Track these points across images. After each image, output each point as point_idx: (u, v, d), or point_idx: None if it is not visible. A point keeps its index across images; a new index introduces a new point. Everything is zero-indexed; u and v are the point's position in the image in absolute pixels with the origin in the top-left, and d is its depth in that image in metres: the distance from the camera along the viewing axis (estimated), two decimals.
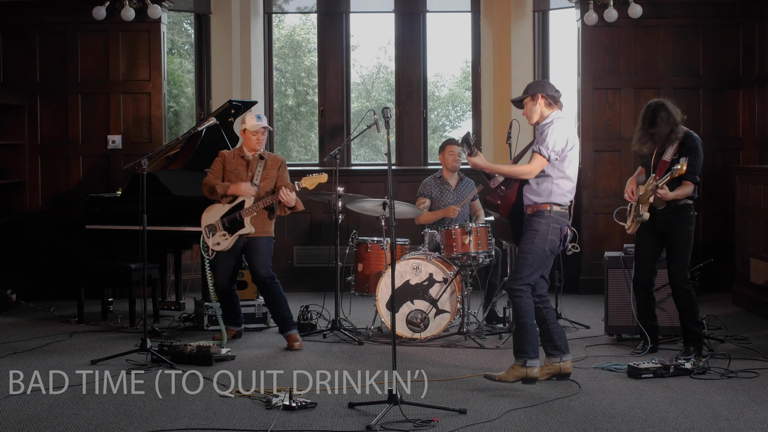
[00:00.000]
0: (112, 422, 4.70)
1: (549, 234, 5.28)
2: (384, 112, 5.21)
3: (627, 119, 8.74)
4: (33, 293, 8.55)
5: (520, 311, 5.31)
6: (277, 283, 6.57)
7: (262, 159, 6.60)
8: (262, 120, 6.58)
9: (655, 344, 6.23)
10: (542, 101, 5.36)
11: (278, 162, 6.66)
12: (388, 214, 6.00)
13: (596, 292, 7.89)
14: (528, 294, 5.32)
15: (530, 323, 5.31)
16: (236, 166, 6.59)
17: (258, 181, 6.55)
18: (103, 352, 6.19)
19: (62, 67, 8.77)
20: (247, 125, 6.56)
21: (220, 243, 6.56)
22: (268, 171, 6.59)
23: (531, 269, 5.29)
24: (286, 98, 10.64)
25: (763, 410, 4.87)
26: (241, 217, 6.50)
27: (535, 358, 5.32)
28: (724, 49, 8.72)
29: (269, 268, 6.58)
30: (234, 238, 6.54)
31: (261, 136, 6.56)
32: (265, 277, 6.53)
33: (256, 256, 6.54)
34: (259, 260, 6.54)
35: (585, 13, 8.54)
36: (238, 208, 6.53)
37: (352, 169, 9.57)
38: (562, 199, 5.33)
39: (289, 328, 6.54)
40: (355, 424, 4.66)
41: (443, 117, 11.32)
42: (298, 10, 10.06)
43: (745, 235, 7.87)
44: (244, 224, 6.50)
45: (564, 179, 5.33)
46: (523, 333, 5.32)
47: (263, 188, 6.56)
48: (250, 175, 6.56)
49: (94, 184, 8.71)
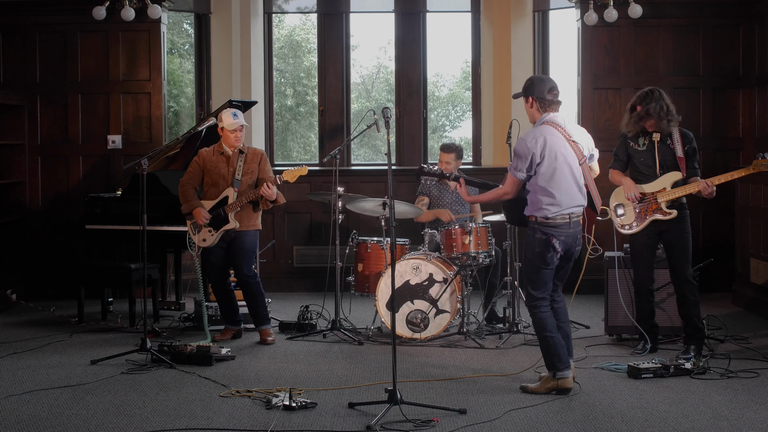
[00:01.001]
0: (112, 422, 4.70)
1: (536, 246, 5.19)
2: (384, 112, 5.21)
3: None
4: (33, 293, 8.55)
5: (538, 325, 5.25)
6: (258, 282, 6.67)
7: (242, 153, 6.62)
8: (239, 118, 6.60)
9: (655, 344, 6.24)
10: (534, 104, 5.26)
11: (258, 155, 6.68)
12: (388, 214, 6.00)
13: (596, 292, 7.88)
14: (543, 307, 5.23)
15: (550, 336, 5.21)
16: (216, 163, 6.61)
17: (240, 176, 6.57)
18: (103, 352, 6.19)
19: (62, 67, 8.77)
20: (225, 123, 6.57)
21: (206, 239, 6.60)
22: (249, 165, 6.62)
23: (533, 283, 5.22)
24: (285, 98, 10.64)
25: (763, 410, 4.87)
26: (225, 212, 6.54)
27: (565, 369, 5.20)
28: (724, 49, 8.72)
29: (251, 266, 6.66)
30: (219, 234, 6.57)
31: (239, 134, 6.59)
32: (247, 275, 6.61)
33: (240, 253, 6.60)
34: (241, 258, 6.60)
35: (585, 13, 8.54)
36: (221, 204, 6.56)
37: (352, 169, 9.56)
38: (541, 213, 5.16)
39: (263, 323, 6.66)
40: (355, 424, 4.66)
41: (443, 117, 11.32)
42: (298, 10, 10.06)
43: (745, 235, 7.87)
44: (229, 219, 6.54)
45: (538, 193, 5.18)
46: (546, 347, 5.23)
47: (245, 182, 6.59)
48: (231, 170, 6.58)
49: (94, 184, 8.71)
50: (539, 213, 5.18)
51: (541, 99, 5.23)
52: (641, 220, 6.10)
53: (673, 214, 5.97)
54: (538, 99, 5.23)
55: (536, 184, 5.18)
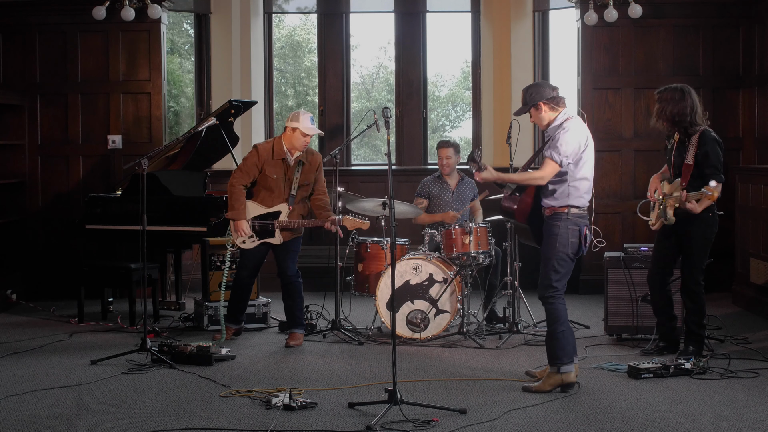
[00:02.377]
0: (112, 422, 4.70)
1: (569, 237, 5.20)
2: (384, 112, 5.20)
3: (627, 119, 8.74)
4: (33, 293, 8.55)
5: (552, 317, 5.25)
6: (300, 282, 6.62)
7: (300, 163, 6.46)
8: (315, 124, 6.51)
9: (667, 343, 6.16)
10: (545, 107, 5.28)
11: (317, 162, 6.54)
12: (388, 214, 6.00)
13: (596, 292, 7.88)
14: (560, 299, 5.24)
15: (561, 329, 5.22)
16: (275, 170, 6.41)
17: (295, 191, 6.46)
18: (103, 352, 6.19)
19: (62, 67, 8.77)
20: (301, 125, 6.33)
21: (246, 242, 6.51)
22: (306, 175, 6.49)
23: (558, 275, 5.22)
24: (286, 98, 10.64)
25: (763, 410, 4.87)
26: (273, 226, 6.46)
27: (569, 363, 5.22)
28: (724, 49, 8.72)
29: (296, 266, 6.62)
30: (259, 242, 6.50)
31: (308, 139, 6.42)
32: (290, 276, 6.57)
33: (286, 254, 6.55)
34: (285, 258, 6.56)
35: (585, 13, 8.54)
36: (273, 216, 6.47)
37: (352, 169, 9.57)
38: (580, 201, 5.24)
39: (295, 326, 6.60)
40: (355, 424, 4.66)
41: (443, 117, 11.33)
42: (298, 10, 10.06)
43: (745, 235, 7.87)
44: (274, 235, 6.47)
45: (580, 181, 5.24)
46: (554, 339, 5.23)
47: (299, 196, 6.50)
48: (288, 182, 6.44)
49: (94, 184, 8.71)
50: (576, 202, 5.21)
51: (550, 99, 5.28)
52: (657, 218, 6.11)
53: (671, 221, 5.86)
54: (548, 100, 5.27)
55: (574, 173, 5.22)
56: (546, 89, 5.31)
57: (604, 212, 8.69)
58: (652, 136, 8.70)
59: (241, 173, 6.44)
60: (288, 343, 6.52)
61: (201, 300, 7.24)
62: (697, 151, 5.83)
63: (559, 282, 5.23)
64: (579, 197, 5.24)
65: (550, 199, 5.27)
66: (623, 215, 8.76)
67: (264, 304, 7.19)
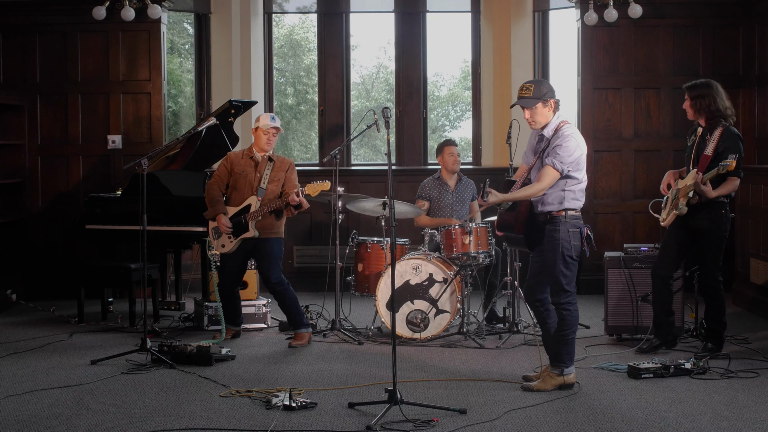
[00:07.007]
0: (112, 422, 4.70)
1: (571, 239, 5.21)
2: (384, 112, 5.20)
3: (627, 119, 8.74)
4: (33, 293, 8.55)
5: (567, 323, 5.25)
6: (288, 288, 6.57)
7: (270, 161, 6.59)
8: (276, 121, 6.59)
9: (665, 340, 6.18)
10: (553, 106, 5.26)
11: (287, 164, 6.65)
12: (388, 214, 6.00)
13: (596, 292, 7.88)
14: (575, 304, 5.26)
15: (572, 336, 5.27)
16: (244, 167, 6.58)
17: (265, 185, 6.55)
18: (103, 352, 6.19)
19: (62, 67, 8.77)
20: (260, 123, 6.56)
21: (225, 245, 6.57)
22: (276, 173, 6.59)
23: (566, 278, 5.22)
24: (286, 97, 10.64)
25: (763, 410, 4.87)
26: (245, 220, 6.50)
27: (572, 365, 5.30)
28: (724, 49, 8.72)
29: (279, 272, 6.57)
30: (238, 242, 6.54)
31: (272, 137, 6.55)
32: (274, 284, 6.53)
33: (266, 260, 6.55)
34: (268, 266, 6.54)
35: (585, 13, 8.54)
36: (243, 211, 6.53)
37: (352, 169, 9.57)
38: (576, 204, 5.26)
39: (296, 327, 6.60)
40: (355, 424, 4.66)
41: (443, 117, 11.33)
42: (298, 10, 10.06)
43: (745, 235, 7.87)
44: (249, 228, 6.50)
45: (576, 184, 5.25)
46: (564, 344, 5.26)
47: (271, 191, 6.55)
48: (258, 177, 6.55)
49: (94, 184, 8.71)
50: (572, 204, 5.23)
51: (556, 100, 5.30)
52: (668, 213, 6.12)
53: (683, 211, 5.89)
54: (556, 101, 5.29)
55: (571, 179, 5.22)
56: (553, 90, 5.30)
57: (604, 212, 8.69)
58: (652, 136, 8.72)
59: (214, 178, 6.67)
60: (291, 343, 6.51)
61: (201, 300, 7.24)
62: (719, 143, 5.87)
63: (569, 285, 5.24)
64: (574, 200, 5.25)
65: (545, 205, 5.27)
66: (623, 215, 8.76)
67: (264, 304, 7.18)
